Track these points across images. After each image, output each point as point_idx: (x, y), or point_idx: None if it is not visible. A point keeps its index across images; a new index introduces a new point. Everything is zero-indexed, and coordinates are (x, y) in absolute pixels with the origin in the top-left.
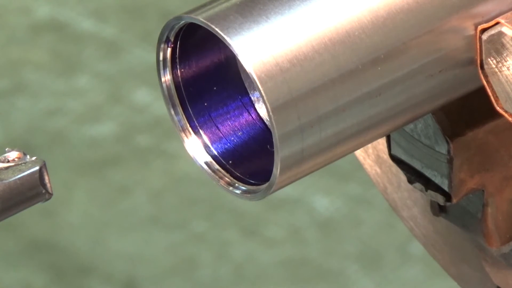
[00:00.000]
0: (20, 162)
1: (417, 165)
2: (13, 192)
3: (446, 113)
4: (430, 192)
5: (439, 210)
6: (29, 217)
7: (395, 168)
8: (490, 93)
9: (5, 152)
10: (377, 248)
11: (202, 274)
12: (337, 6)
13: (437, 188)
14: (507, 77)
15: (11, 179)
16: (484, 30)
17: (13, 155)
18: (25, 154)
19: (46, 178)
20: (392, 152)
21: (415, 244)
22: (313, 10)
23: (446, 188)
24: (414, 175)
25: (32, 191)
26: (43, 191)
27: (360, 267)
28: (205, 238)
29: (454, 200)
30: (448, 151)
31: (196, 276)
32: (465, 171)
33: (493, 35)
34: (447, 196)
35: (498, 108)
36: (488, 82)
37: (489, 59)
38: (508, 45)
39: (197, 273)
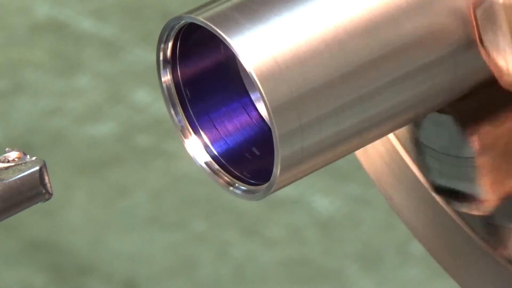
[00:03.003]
0: (20, 162)
1: (448, 182)
2: (13, 192)
3: (466, 114)
4: (463, 204)
5: (447, 212)
6: (29, 217)
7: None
8: (494, 70)
9: (5, 152)
10: (377, 248)
11: (202, 274)
12: (337, 6)
13: (471, 199)
14: (505, 47)
15: (11, 179)
16: (476, 6)
17: (13, 155)
18: (25, 154)
19: (46, 178)
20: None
21: (415, 244)
22: (313, 10)
23: (478, 196)
24: (446, 194)
25: (32, 191)
26: (43, 191)
27: (360, 267)
28: (205, 238)
29: (487, 207)
30: (473, 153)
31: (196, 276)
32: (494, 175)
33: (485, 7)
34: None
35: (503, 83)
36: (490, 57)
37: (487, 34)
38: (500, 13)
39: (197, 273)
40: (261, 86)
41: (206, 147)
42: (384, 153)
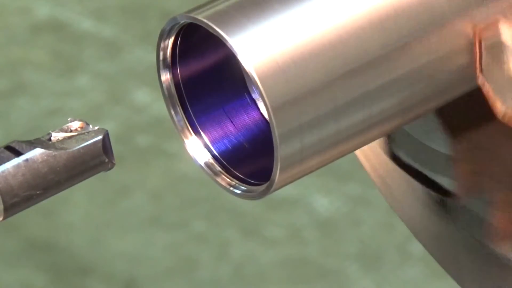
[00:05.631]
0: (83, 132)
1: (418, 166)
2: (76, 161)
3: (451, 115)
4: (432, 192)
5: (444, 211)
6: (29, 217)
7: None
8: (488, 96)
9: (68, 122)
10: (377, 248)
11: (202, 274)
12: (337, 6)
13: (441, 189)
14: (505, 79)
15: (74, 148)
16: (483, 37)
17: (75, 124)
18: (87, 124)
19: (110, 147)
20: (395, 153)
21: (415, 244)
22: (313, 10)
23: (448, 187)
24: (416, 176)
25: (95, 160)
26: (106, 160)
27: (360, 267)
28: (205, 238)
29: (457, 200)
30: (451, 151)
31: (196, 276)
32: (469, 172)
33: (493, 42)
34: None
35: (496, 112)
36: (486, 85)
37: (488, 66)
38: (507, 49)
39: (197, 273)
40: (261, 86)
41: (206, 147)
42: (383, 152)
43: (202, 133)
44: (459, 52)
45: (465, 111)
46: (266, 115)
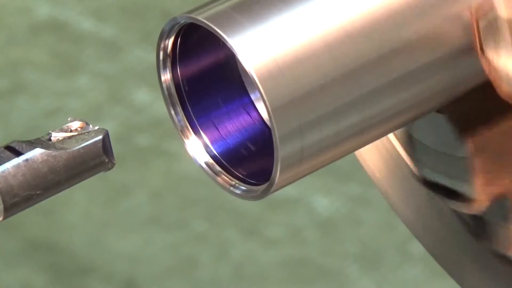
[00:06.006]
0: (83, 132)
1: (439, 178)
2: (76, 161)
3: (460, 115)
4: (454, 202)
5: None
6: (29, 217)
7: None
8: (493, 79)
9: (68, 122)
10: (377, 248)
11: (202, 274)
12: (337, 7)
13: (462, 198)
14: (506, 58)
15: (74, 148)
16: (479, 16)
17: (75, 124)
18: (87, 124)
19: (110, 147)
20: (419, 174)
21: (415, 244)
22: (314, 10)
23: (469, 195)
24: (437, 190)
25: (95, 160)
26: (106, 160)
27: (360, 267)
28: (205, 238)
29: (479, 207)
30: (467, 153)
31: (196, 276)
32: (486, 176)
33: (489, 19)
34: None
35: (501, 93)
36: (491, 66)
37: (489, 44)
38: (503, 27)
39: (197, 273)
40: (261, 86)
41: (206, 147)
42: (383, 151)
43: (202, 133)
44: (458, 38)
45: (475, 109)
46: (266, 116)
